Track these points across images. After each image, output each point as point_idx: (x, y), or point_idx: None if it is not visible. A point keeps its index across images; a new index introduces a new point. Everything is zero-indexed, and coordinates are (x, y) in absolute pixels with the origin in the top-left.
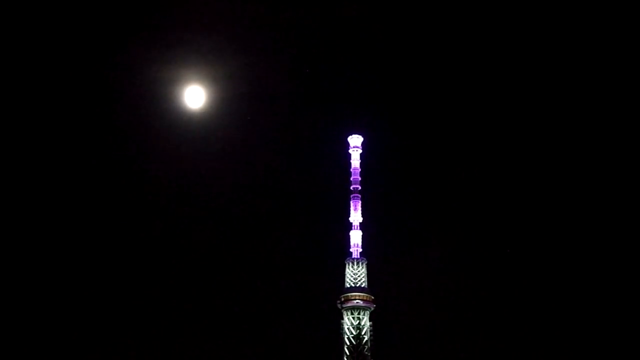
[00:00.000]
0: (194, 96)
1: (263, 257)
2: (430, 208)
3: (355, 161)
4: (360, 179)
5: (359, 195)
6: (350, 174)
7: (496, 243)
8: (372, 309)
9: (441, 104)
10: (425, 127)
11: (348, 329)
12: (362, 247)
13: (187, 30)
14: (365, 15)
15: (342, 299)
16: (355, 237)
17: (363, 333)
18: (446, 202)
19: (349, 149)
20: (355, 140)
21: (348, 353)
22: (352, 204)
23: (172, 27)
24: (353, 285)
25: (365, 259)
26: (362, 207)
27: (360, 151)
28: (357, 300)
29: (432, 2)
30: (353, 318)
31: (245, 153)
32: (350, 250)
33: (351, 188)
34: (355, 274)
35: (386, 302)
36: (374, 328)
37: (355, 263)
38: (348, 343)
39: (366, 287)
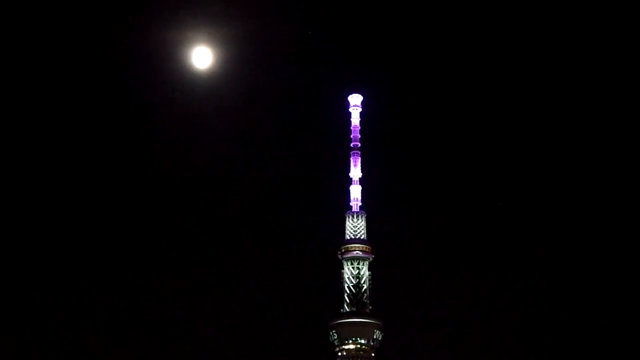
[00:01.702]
0: (201, 57)
1: (267, 214)
2: (428, 164)
3: (355, 119)
4: (360, 136)
5: (359, 152)
6: (350, 132)
7: (491, 196)
8: (371, 259)
9: (439, 64)
10: (423, 86)
11: (348, 278)
12: (362, 200)
13: None
14: None
15: (343, 250)
16: (355, 192)
17: (362, 282)
18: (443, 158)
19: (349, 107)
20: (355, 99)
21: (348, 301)
22: (352, 160)
23: None
24: (353, 237)
25: (364, 212)
26: (361, 163)
27: (360, 109)
28: (357, 251)
29: None
30: (353, 268)
31: (249, 112)
32: (350, 204)
33: (351, 145)
34: (355, 226)
35: (384, 253)
36: (372, 277)
37: (355, 216)
38: (348, 291)
39: (365, 238)
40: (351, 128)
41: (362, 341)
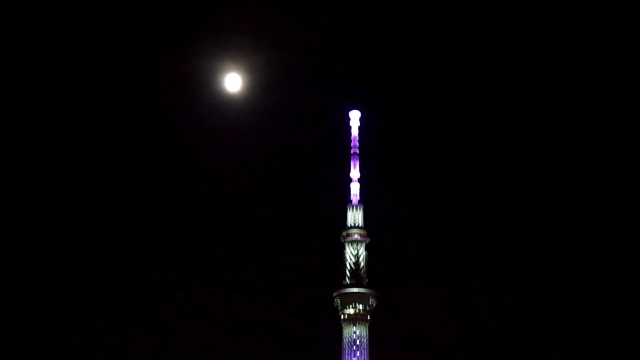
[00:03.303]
0: (232, 82)
1: (284, 207)
2: (416, 166)
3: (355, 131)
4: (358, 144)
5: (357, 157)
6: (350, 141)
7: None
8: (367, 242)
9: (424, 85)
10: (412, 104)
11: (349, 257)
12: (360, 195)
13: (226, 29)
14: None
15: (345, 235)
16: (354, 189)
17: (360, 260)
18: (429, 161)
19: (349, 121)
20: (355, 115)
21: (349, 275)
22: (352, 163)
23: (214, 25)
24: (353, 224)
25: (362, 204)
26: (359, 165)
27: (359, 123)
28: (356, 236)
29: None
30: (353, 249)
31: (271, 126)
32: (351, 198)
33: (351, 151)
34: (354, 216)
35: (377, 237)
36: (368, 256)
37: (354, 208)
38: (349, 267)
39: (362, 225)
40: (351, 138)
41: (360, 307)
